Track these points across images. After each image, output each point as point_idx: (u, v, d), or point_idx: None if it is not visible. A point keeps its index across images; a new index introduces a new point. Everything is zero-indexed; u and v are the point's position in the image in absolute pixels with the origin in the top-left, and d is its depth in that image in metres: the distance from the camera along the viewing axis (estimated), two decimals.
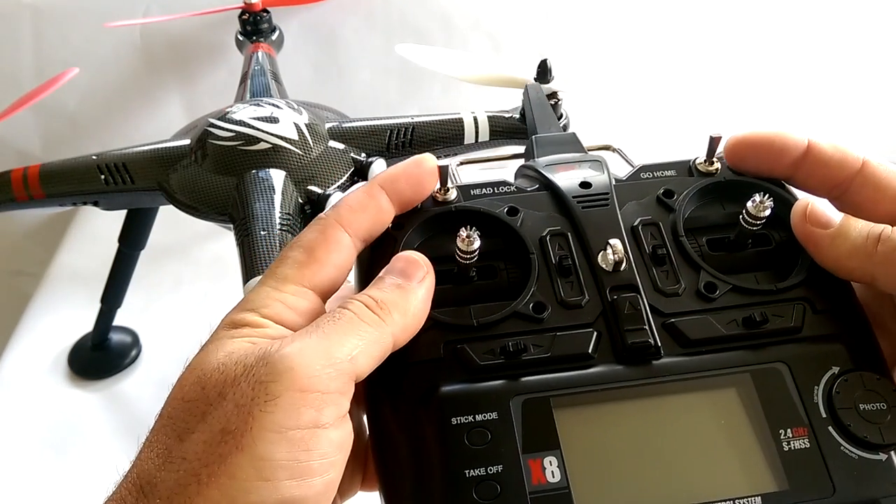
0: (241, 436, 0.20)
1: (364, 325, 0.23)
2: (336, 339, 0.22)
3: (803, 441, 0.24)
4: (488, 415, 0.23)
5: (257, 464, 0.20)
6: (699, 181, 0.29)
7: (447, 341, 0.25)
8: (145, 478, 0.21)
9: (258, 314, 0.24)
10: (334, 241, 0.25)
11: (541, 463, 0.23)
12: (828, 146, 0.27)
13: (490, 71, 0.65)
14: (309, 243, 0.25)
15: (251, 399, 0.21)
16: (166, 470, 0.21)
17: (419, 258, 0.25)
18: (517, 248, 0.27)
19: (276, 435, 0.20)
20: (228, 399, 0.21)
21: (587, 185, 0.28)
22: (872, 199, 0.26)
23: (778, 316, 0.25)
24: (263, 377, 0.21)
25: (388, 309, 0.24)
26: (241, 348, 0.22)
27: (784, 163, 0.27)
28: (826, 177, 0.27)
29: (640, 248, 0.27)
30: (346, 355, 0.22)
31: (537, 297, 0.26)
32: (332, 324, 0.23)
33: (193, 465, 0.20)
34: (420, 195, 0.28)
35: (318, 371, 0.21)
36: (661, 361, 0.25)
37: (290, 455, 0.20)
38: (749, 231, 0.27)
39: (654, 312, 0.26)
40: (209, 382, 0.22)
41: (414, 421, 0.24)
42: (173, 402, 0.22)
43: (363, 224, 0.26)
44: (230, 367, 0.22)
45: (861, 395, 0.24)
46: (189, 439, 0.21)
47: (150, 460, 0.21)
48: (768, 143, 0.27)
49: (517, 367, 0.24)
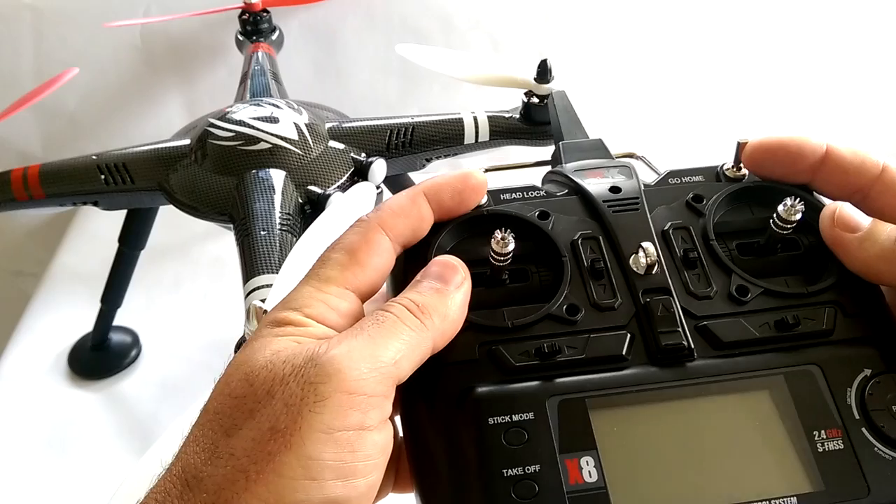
0: (290, 434, 0.20)
1: (407, 329, 0.23)
2: (381, 342, 0.22)
3: (837, 442, 0.24)
4: (525, 415, 0.24)
5: (305, 463, 0.20)
6: (728, 186, 0.29)
7: (482, 342, 0.25)
8: (191, 472, 0.21)
9: (301, 313, 0.24)
10: (375, 245, 0.26)
11: (577, 463, 0.23)
12: (846, 151, 0.27)
13: (490, 71, 0.65)
14: (351, 245, 0.25)
15: (300, 399, 0.21)
16: (213, 465, 0.21)
17: (456, 262, 0.26)
18: (549, 251, 0.27)
19: (325, 435, 0.21)
20: (277, 398, 0.21)
21: (617, 190, 0.28)
22: (893, 204, 0.26)
23: (809, 319, 0.25)
24: (313, 378, 0.21)
25: (428, 313, 0.24)
26: (288, 347, 0.23)
27: (802, 168, 0.27)
28: (845, 182, 0.27)
29: (671, 251, 0.27)
30: (390, 359, 0.22)
31: (570, 299, 0.26)
32: (377, 327, 0.23)
33: (242, 461, 0.21)
34: (462, 208, 0.28)
35: (364, 374, 0.21)
36: (694, 363, 0.25)
37: (336, 455, 0.21)
38: (779, 235, 0.27)
39: (687, 315, 0.26)
40: (257, 380, 0.22)
41: (450, 421, 0.24)
42: (220, 398, 0.22)
43: (404, 230, 0.26)
44: (278, 365, 0.22)
45: (893, 396, 0.24)
46: (237, 435, 0.21)
47: (195, 454, 0.21)
48: (786, 147, 0.28)
49: (552, 369, 0.25)
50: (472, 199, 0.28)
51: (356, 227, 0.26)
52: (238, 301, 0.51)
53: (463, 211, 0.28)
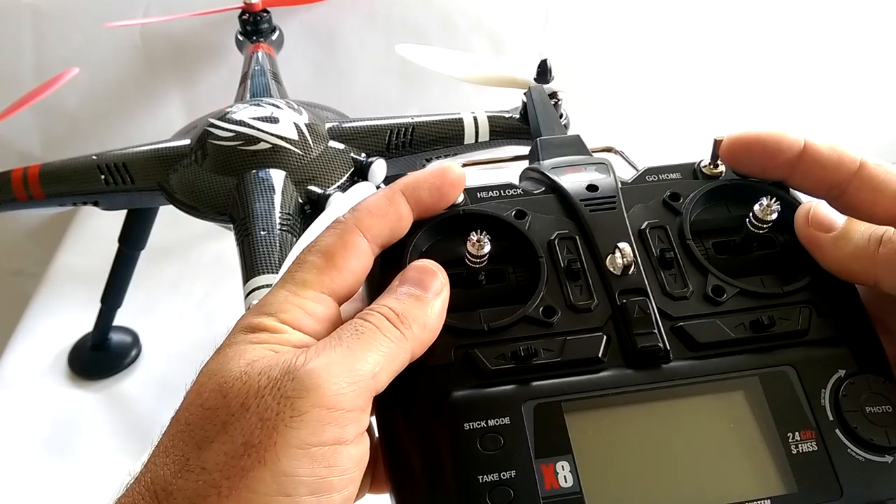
0: (264, 450, 0.20)
1: (386, 340, 0.23)
2: (360, 354, 0.22)
3: (811, 444, 0.24)
4: (500, 420, 0.23)
5: (279, 479, 0.20)
6: (705, 184, 0.29)
7: (458, 346, 0.25)
8: (160, 484, 0.20)
9: (277, 319, 0.23)
10: (353, 247, 0.25)
11: (553, 468, 0.23)
12: (824, 146, 0.27)
13: (490, 71, 0.65)
14: (328, 248, 0.25)
15: (276, 414, 0.20)
16: (183, 478, 0.20)
17: (435, 267, 0.25)
18: (526, 251, 0.27)
19: (300, 451, 0.20)
20: (252, 411, 0.21)
21: (594, 189, 0.28)
22: (870, 200, 0.26)
23: (785, 319, 0.25)
24: (290, 392, 0.21)
25: (408, 322, 0.23)
26: (264, 357, 0.22)
27: (779, 163, 0.27)
28: (822, 178, 0.27)
29: (647, 251, 0.27)
30: (369, 372, 0.22)
31: (547, 301, 0.26)
32: (356, 338, 0.22)
33: (214, 476, 0.20)
34: (441, 205, 0.27)
35: (343, 388, 0.21)
36: (670, 365, 0.25)
37: (311, 471, 0.20)
38: (755, 234, 0.27)
39: (663, 316, 0.26)
40: (231, 392, 0.21)
41: (426, 426, 0.24)
42: (191, 408, 0.22)
43: (382, 230, 0.26)
44: (253, 377, 0.21)
45: (867, 397, 0.24)
46: (209, 448, 0.21)
47: (165, 466, 0.21)
48: (763, 142, 0.27)
49: (528, 372, 0.24)
50: (452, 195, 0.27)
51: (333, 229, 0.25)
52: (238, 301, 0.51)
53: (442, 207, 0.27)
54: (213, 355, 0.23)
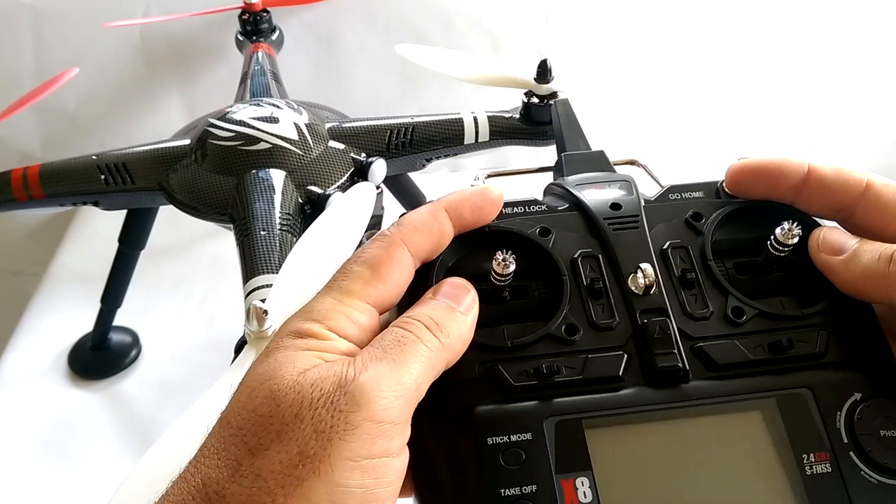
0: (319, 461, 0.21)
1: (426, 350, 0.23)
2: (404, 366, 0.23)
3: (825, 465, 0.24)
4: (523, 435, 0.24)
5: (332, 489, 0.20)
6: (726, 204, 0.29)
7: (482, 361, 0.26)
8: (213, 486, 0.21)
9: (324, 326, 0.24)
10: (397, 260, 0.26)
11: (573, 483, 0.24)
12: (828, 170, 0.27)
13: (490, 71, 0.65)
14: (373, 259, 0.26)
15: (330, 427, 0.21)
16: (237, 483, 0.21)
17: (467, 284, 0.26)
18: (549, 268, 0.28)
19: (352, 463, 0.21)
20: (306, 423, 0.21)
21: (617, 207, 0.29)
22: (879, 221, 0.26)
23: (803, 341, 0.26)
24: (342, 406, 0.21)
25: (446, 331, 0.24)
26: (315, 367, 0.23)
27: (784, 189, 0.28)
28: (829, 201, 0.27)
29: (669, 271, 0.27)
30: (413, 384, 0.23)
31: (569, 319, 0.26)
32: (399, 349, 0.23)
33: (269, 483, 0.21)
34: (480, 223, 0.28)
35: (392, 403, 0.22)
36: (689, 385, 0.25)
37: (361, 482, 0.21)
38: (776, 256, 0.27)
39: (683, 336, 0.26)
40: (284, 401, 0.22)
41: (451, 439, 0.25)
42: (243, 412, 0.22)
43: (425, 245, 0.26)
44: (306, 388, 0.22)
45: (882, 421, 0.25)
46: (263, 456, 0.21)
47: (217, 469, 0.21)
48: (766, 169, 0.28)
49: (550, 389, 0.25)
50: (491, 214, 0.28)
51: (378, 241, 0.26)
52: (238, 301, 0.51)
53: (480, 225, 0.28)
54: (260, 358, 0.24)
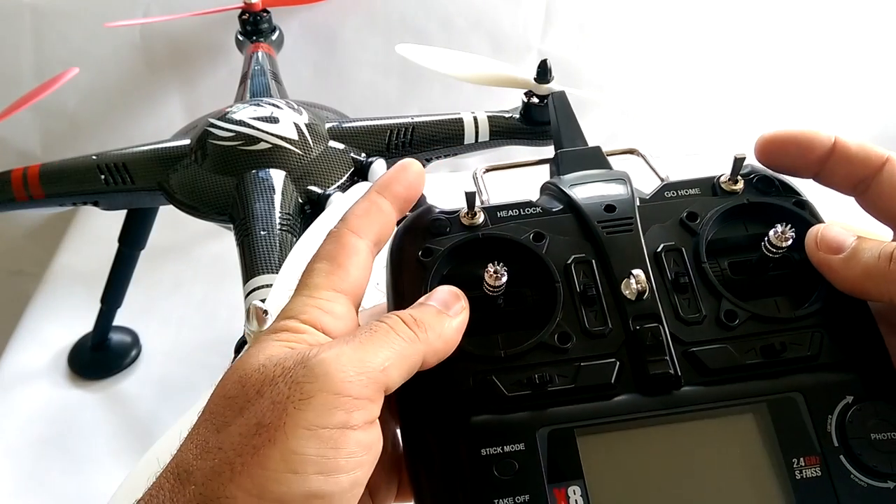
0: (274, 430, 0.21)
1: (398, 339, 0.24)
2: (371, 349, 0.23)
3: (815, 469, 0.24)
4: (516, 446, 0.24)
5: (288, 457, 0.21)
6: (722, 202, 0.29)
7: (476, 371, 0.26)
8: (183, 466, 0.22)
9: (297, 320, 0.25)
10: (351, 247, 0.27)
11: (565, 492, 0.24)
12: (853, 144, 0.28)
13: (490, 71, 0.65)
14: (329, 253, 0.27)
15: (286, 397, 0.22)
16: (202, 459, 0.22)
17: (459, 293, 0.27)
18: (543, 274, 0.28)
19: (307, 431, 0.21)
20: (266, 396, 0.22)
21: (612, 209, 0.29)
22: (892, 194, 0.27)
23: (796, 344, 0.26)
24: (300, 378, 0.22)
25: (424, 327, 0.25)
26: (282, 351, 0.24)
27: (811, 159, 0.28)
28: (849, 173, 0.28)
29: (662, 274, 0.27)
30: (378, 365, 0.23)
31: (562, 327, 0.26)
32: (368, 335, 0.24)
33: (228, 454, 0.22)
34: (415, 194, 0.29)
35: (351, 377, 0.22)
36: (681, 391, 0.25)
37: (319, 451, 0.21)
38: (770, 257, 0.27)
39: (675, 341, 0.26)
40: (249, 381, 0.23)
41: (446, 449, 0.25)
42: (215, 399, 0.24)
43: (372, 228, 0.28)
44: (269, 367, 0.23)
45: (873, 424, 0.25)
46: (225, 431, 0.22)
47: (188, 451, 0.23)
48: (797, 140, 0.28)
49: (543, 398, 0.25)
50: (420, 184, 0.29)
51: (329, 238, 0.28)
52: (238, 301, 0.51)
53: (416, 196, 0.29)
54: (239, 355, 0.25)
